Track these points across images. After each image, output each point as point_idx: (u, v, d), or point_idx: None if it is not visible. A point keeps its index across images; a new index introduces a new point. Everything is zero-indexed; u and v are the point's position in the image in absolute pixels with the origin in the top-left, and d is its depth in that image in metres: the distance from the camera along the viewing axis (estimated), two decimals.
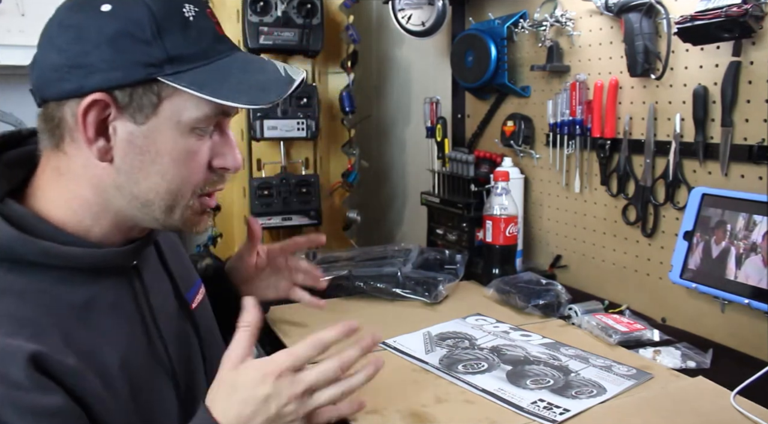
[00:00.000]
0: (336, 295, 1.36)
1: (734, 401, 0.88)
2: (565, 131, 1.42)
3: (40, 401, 0.62)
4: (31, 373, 0.61)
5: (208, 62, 0.71)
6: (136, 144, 0.70)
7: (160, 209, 0.74)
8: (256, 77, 0.73)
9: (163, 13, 0.68)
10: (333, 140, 2.05)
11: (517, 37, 1.57)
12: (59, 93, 0.68)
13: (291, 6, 1.77)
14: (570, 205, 1.49)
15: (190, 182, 0.74)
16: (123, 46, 0.67)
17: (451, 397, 0.92)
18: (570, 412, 0.86)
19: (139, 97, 0.68)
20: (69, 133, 0.70)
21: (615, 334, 1.09)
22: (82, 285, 0.71)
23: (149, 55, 0.67)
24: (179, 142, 0.71)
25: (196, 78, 0.69)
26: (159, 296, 0.82)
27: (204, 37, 0.72)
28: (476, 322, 1.22)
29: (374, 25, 2.24)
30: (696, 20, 1.03)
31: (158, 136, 0.70)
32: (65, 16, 0.69)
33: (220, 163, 0.75)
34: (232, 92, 0.70)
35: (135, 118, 0.69)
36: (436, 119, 1.72)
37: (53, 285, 0.69)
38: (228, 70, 0.72)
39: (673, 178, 1.20)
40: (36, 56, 0.71)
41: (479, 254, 1.52)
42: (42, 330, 0.65)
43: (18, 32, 1.54)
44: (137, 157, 0.71)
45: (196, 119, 0.71)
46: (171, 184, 0.72)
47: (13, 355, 0.61)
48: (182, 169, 0.72)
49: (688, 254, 1.15)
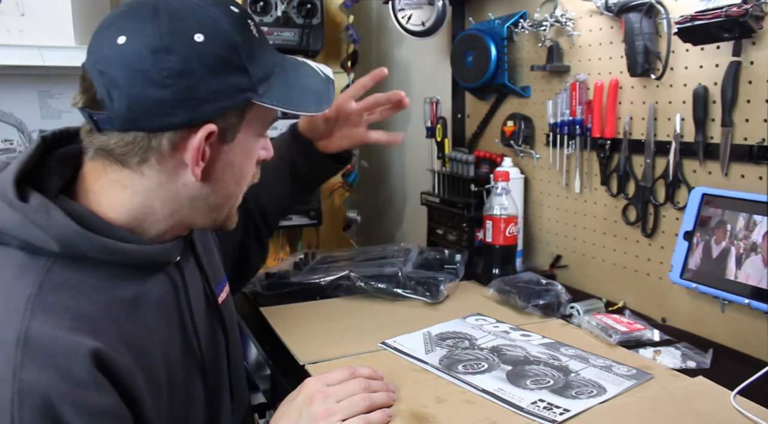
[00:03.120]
0: (336, 295, 1.36)
1: (734, 401, 0.88)
2: (565, 131, 1.42)
3: (97, 400, 0.63)
4: (94, 371, 0.63)
5: (275, 75, 0.75)
6: (229, 160, 0.75)
7: (225, 212, 0.80)
8: (311, 83, 0.80)
9: (245, 37, 0.71)
10: None
11: (517, 37, 1.57)
12: (163, 126, 0.69)
13: (291, 6, 1.77)
14: (570, 205, 1.49)
15: (248, 180, 0.80)
16: (224, 75, 0.69)
17: (451, 397, 0.92)
18: (570, 412, 0.86)
19: (230, 118, 0.73)
20: (157, 158, 0.71)
21: (615, 334, 1.09)
22: (131, 281, 0.73)
23: (246, 79, 0.71)
24: (252, 150, 0.77)
25: (277, 94, 0.74)
26: (195, 292, 0.85)
27: (267, 50, 0.76)
28: (476, 322, 1.22)
29: (374, 25, 2.24)
30: (696, 20, 1.03)
31: (239, 148, 0.75)
32: (158, 50, 0.67)
33: (263, 155, 0.82)
34: (303, 102, 0.76)
35: (226, 137, 0.73)
36: (436, 119, 1.72)
37: (105, 281, 0.70)
38: (290, 81, 0.77)
39: (673, 178, 1.20)
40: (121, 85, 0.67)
41: (479, 254, 1.52)
42: (99, 326, 0.67)
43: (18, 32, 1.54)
44: (226, 171, 0.76)
45: (265, 127, 0.78)
46: (239, 186, 0.79)
47: (76, 352, 0.63)
48: (248, 171, 0.79)
49: (688, 254, 1.15)
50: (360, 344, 1.10)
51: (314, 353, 1.07)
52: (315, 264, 1.46)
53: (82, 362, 0.62)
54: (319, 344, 1.11)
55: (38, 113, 1.87)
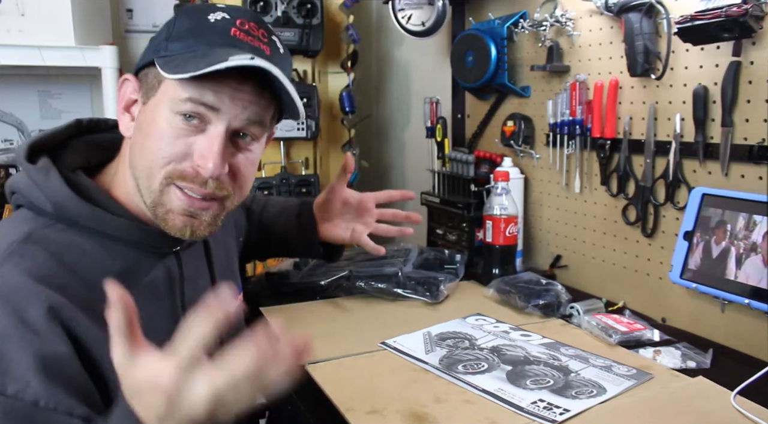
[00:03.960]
0: (336, 295, 1.36)
1: (734, 401, 0.88)
2: (565, 131, 1.42)
3: (47, 346, 0.64)
4: (46, 319, 0.65)
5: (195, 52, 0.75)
6: (139, 120, 0.78)
7: (144, 189, 0.77)
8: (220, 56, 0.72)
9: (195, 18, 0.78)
10: (333, 140, 2.05)
11: (517, 37, 1.57)
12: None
13: (291, 6, 1.77)
14: (570, 205, 1.49)
15: (163, 156, 0.75)
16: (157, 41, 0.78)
17: (451, 397, 0.92)
18: (570, 412, 0.86)
19: (149, 79, 0.77)
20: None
21: (615, 334, 1.09)
22: (124, 258, 0.77)
23: (163, 45, 0.77)
24: (161, 122, 0.75)
25: (173, 61, 0.75)
26: (195, 288, 0.86)
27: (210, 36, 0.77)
28: (476, 322, 1.22)
29: (374, 25, 2.24)
30: (696, 20, 1.03)
31: (148, 111, 0.77)
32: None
33: (197, 160, 0.75)
34: (180, 66, 0.74)
35: (144, 98, 0.78)
36: (436, 119, 1.72)
37: (97, 249, 0.75)
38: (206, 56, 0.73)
39: (673, 178, 1.20)
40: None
41: (479, 254, 1.52)
42: (74, 284, 0.70)
43: (18, 32, 1.54)
44: (138, 133, 0.78)
45: (179, 100, 0.74)
46: (146, 154, 0.76)
47: (33, 297, 0.66)
48: (159, 143, 0.75)
49: (688, 254, 1.15)
50: (360, 344, 1.10)
51: (314, 352, 1.07)
52: (315, 264, 1.46)
53: (37, 309, 0.65)
54: (319, 344, 1.11)
55: (38, 113, 1.87)
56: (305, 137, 1.87)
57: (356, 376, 0.97)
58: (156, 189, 0.76)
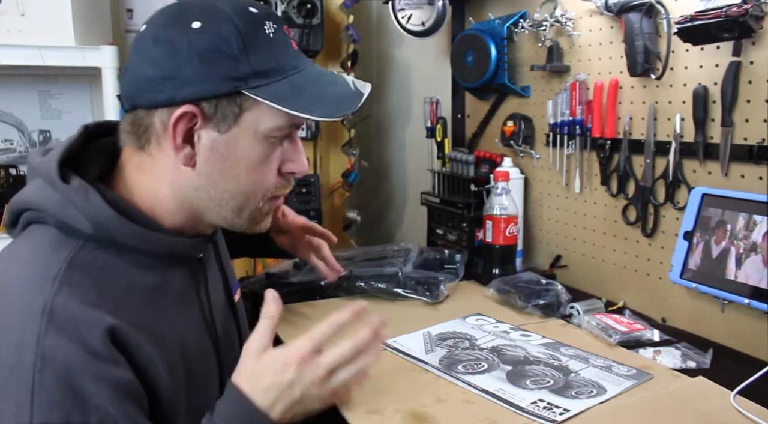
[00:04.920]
0: (336, 295, 1.36)
1: (734, 401, 0.88)
2: (565, 131, 1.42)
3: (114, 372, 0.66)
4: (110, 346, 0.66)
5: (285, 76, 0.76)
6: (218, 151, 0.75)
7: (231, 209, 0.79)
8: (328, 90, 0.79)
9: (248, 30, 0.73)
10: (333, 140, 2.05)
11: (517, 37, 1.57)
12: (152, 102, 0.74)
13: (291, 6, 1.77)
14: (570, 205, 1.49)
15: (263, 186, 0.79)
16: (212, 60, 0.72)
17: (451, 397, 0.92)
18: (570, 412, 0.86)
19: (223, 108, 0.73)
20: (156, 138, 0.76)
21: (615, 334, 1.09)
22: (154, 270, 0.77)
23: (236, 69, 0.72)
24: (256, 149, 0.76)
25: (276, 91, 0.74)
26: (215, 290, 0.89)
27: (282, 53, 0.77)
28: (476, 322, 1.22)
29: (374, 25, 2.24)
30: (696, 20, 1.03)
31: (237, 143, 0.75)
32: (159, 32, 0.74)
33: (288, 168, 0.81)
34: (308, 105, 0.75)
35: (218, 127, 0.74)
36: (436, 119, 1.72)
37: (129, 266, 0.74)
38: (303, 84, 0.77)
39: (673, 178, 1.20)
40: (128, 66, 0.76)
41: (479, 254, 1.52)
42: (119, 305, 0.70)
43: (18, 32, 1.54)
44: (218, 163, 0.76)
45: (272, 129, 0.76)
46: (245, 186, 0.78)
47: (95, 326, 0.66)
48: (256, 174, 0.78)
49: (688, 254, 1.15)
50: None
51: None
52: None
53: (99, 336, 0.65)
54: None
55: (38, 113, 1.87)
56: (305, 137, 1.87)
57: None
58: (255, 208, 0.80)
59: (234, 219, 0.80)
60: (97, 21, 1.77)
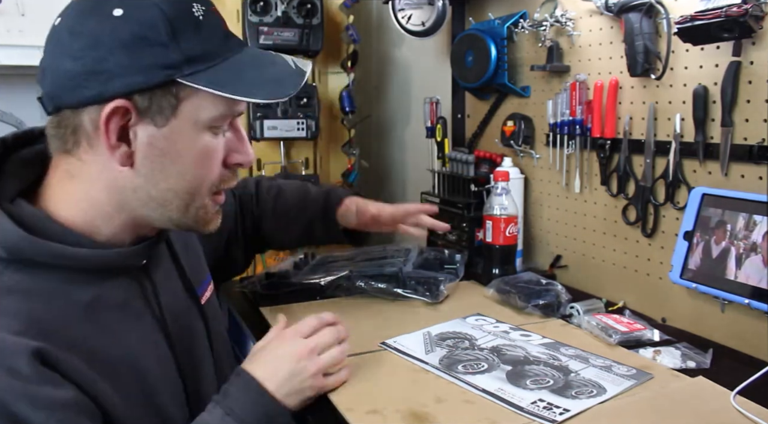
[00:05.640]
0: (336, 295, 1.36)
1: (734, 401, 0.88)
2: (565, 131, 1.42)
3: (52, 393, 0.62)
4: (37, 367, 0.62)
5: (222, 60, 0.71)
6: (157, 147, 0.70)
7: (177, 209, 0.74)
8: (270, 71, 0.74)
9: (175, 14, 0.68)
10: (333, 140, 2.05)
11: (517, 37, 1.57)
12: (78, 100, 0.68)
13: (291, 6, 1.78)
14: (570, 205, 1.49)
15: (208, 180, 0.75)
16: (139, 49, 0.66)
17: (451, 397, 0.92)
18: (570, 412, 0.86)
19: (158, 100, 0.68)
20: (86, 139, 0.70)
21: (615, 334, 1.09)
22: (89, 284, 0.72)
23: (166, 57, 0.67)
24: (198, 142, 0.72)
25: (213, 77, 0.69)
26: (169, 293, 0.83)
27: (215, 36, 0.72)
28: (476, 322, 1.22)
29: (374, 25, 2.24)
30: (696, 20, 1.03)
31: (178, 137, 0.71)
32: (75, 23, 0.68)
33: (234, 159, 0.77)
34: (250, 88, 0.71)
35: (155, 121, 0.69)
36: (436, 119, 1.72)
37: (60, 284, 0.69)
38: (241, 67, 0.72)
39: (673, 178, 1.20)
40: (45, 64, 0.70)
41: (479, 254, 1.52)
42: (47, 329, 0.66)
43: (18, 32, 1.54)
44: (158, 160, 0.71)
45: (213, 118, 0.72)
46: (190, 183, 0.73)
47: (18, 351, 0.62)
48: (201, 168, 0.73)
49: (688, 254, 1.15)
50: (360, 344, 1.09)
51: None
52: (315, 264, 1.46)
53: (27, 361, 0.61)
54: None
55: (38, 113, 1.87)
56: (305, 137, 1.87)
57: (356, 376, 0.97)
58: (200, 205, 0.76)
59: (180, 219, 0.76)
60: None
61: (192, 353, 0.86)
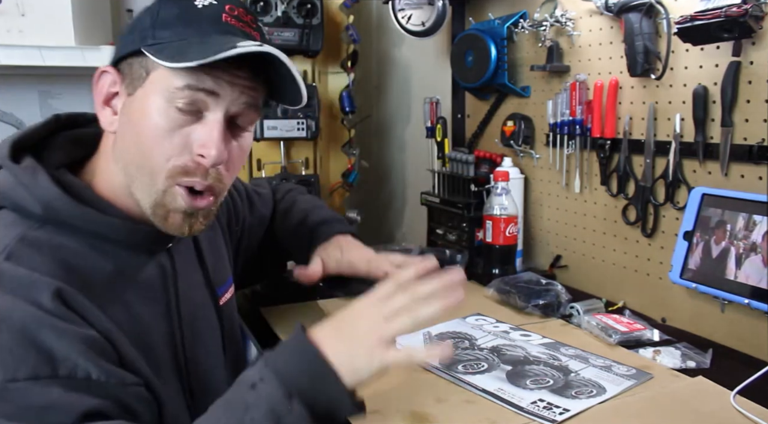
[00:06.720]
0: (336, 295, 1.36)
1: (734, 401, 0.88)
2: (565, 131, 1.42)
3: (74, 327, 0.65)
4: (59, 305, 0.65)
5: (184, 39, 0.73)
6: (127, 114, 0.75)
7: (140, 188, 0.75)
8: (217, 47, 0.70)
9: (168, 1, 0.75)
10: (333, 140, 2.05)
11: (517, 37, 1.57)
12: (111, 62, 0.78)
13: (291, 6, 1.77)
14: (570, 205, 1.49)
15: (161, 156, 0.73)
16: (134, 26, 0.76)
17: (451, 397, 0.92)
18: (570, 412, 0.86)
19: (133, 69, 0.74)
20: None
21: (615, 334, 1.10)
22: (114, 256, 0.75)
23: (145, 31, 0.74)
24: (160, 116, 0.73)
25: (165, 49, 0.72)
26: (188, 283, 0.85)
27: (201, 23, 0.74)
28: (476, 322, 1.22)
29: (374, 25, 2.24)
30: (696, 20, 1.03)
31: (143, 106, 0.73)
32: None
33: (197, 149, 0.74)
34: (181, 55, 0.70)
35: (128, 89, 0.75)
36: (436, 119, 1.72)
37: (87, 249, 0.73)
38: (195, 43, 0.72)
39: (673, 178, 1.20)
40: None
41: (479, 254, 1.52)
42: (72, 278, 0.69)
43: (18, 32, 1.54)
44: (128, 127, 0.75)
45: (170, 90, 0.72)
46: (144, 155, 0.73)
47: (42, 288, 0.65)
48: (157, 144, 0.73)
49: (688, 254, 1.15)
50: None
51: None
52: None
53: (49, 297, 0.64)
54: None
55: (38, 113, 1.87)
56: (305, 137, 1.86)
57: None
58: (159, 189, 0.74)
59: (144, 200, 0.75)
60: (97, 21, 1.77)
61: (202, 345, 0.86)
